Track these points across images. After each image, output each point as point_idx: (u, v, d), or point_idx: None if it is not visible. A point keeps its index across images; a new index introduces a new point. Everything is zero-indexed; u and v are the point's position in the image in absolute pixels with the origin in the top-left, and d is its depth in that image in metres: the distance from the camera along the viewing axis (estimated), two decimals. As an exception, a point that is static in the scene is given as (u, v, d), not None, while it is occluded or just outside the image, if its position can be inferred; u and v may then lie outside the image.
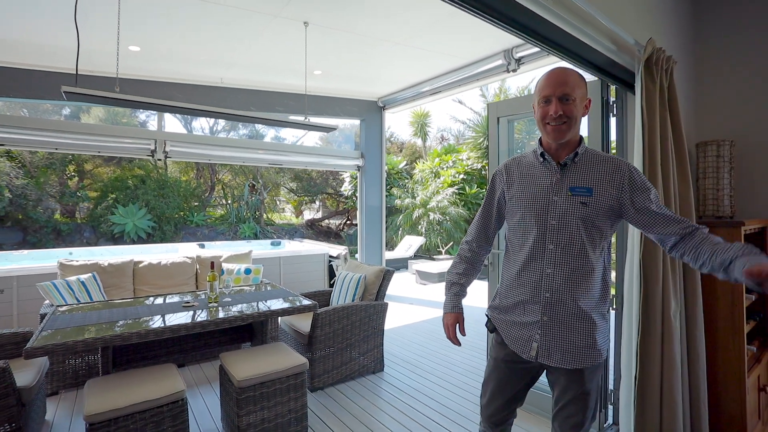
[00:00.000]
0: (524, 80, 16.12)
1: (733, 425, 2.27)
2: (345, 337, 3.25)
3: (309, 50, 3.96)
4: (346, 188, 15.31)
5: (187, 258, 4.44)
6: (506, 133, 3.04)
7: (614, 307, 2.42)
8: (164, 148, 4.79)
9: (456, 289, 1.63)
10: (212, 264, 3.06)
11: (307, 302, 2.93)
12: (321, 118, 5.92)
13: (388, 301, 3.64)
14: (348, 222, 17.47)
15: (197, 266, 4.48)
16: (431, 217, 12.09)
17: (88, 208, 12.88)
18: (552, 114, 1.32)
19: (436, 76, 5.28)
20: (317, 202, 19.36)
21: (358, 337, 3.35)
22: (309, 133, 17.41)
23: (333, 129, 3.94)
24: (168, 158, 4.87)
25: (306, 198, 18.99)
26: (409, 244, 11.25)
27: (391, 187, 13.43)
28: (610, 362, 2.57)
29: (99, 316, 2.51)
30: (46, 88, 3.95)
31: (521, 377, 1.51)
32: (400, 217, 12.71)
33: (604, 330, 1.41)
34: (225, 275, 4.38)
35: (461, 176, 12.79)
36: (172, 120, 15.70)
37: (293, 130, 17.12)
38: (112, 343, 2.18)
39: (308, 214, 19.54)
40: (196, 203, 15.27)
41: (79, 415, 2.69)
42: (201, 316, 2.53)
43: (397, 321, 5.17)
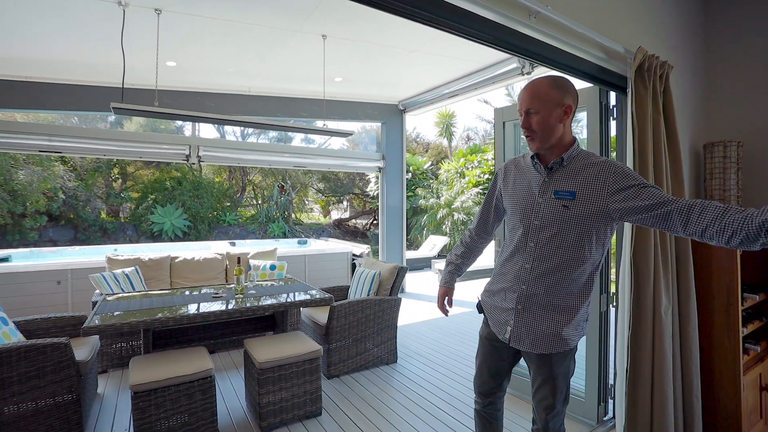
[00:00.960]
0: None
1: (729, 422, 2.33)
2: (360, 329, 3.47)
3: (328, 60, 4.22)
4: (372, 188, 15.58)
5: (218, 254, 4.80)
6: (512, 137, 3.18)
7: (614, 304, 2.52)
8: (198, 153, 5.18)
9: (451, 267, 1.84)
10: (238, 259, 3.37)
11: (324, 295, 3.18)
12: (343, 122, 6.19)
13: (409, 299, 3.84)
14: (374, 222, 17.73)
15: (227, 262, 4.84)
16: (455, 217, 12.17)
17: (130, 208, 13.76)
18: (523, 126, 1.46)
19: (453, 80, 5.43)
20: (344, 202, 19.72)
21: (373, 329, 3.56)
22: (334, 137, 17.85)
23: (349, 134, 4.18)
24: (201, 162, 5.27)
25: (333, 198, 19.38)
26: (433, 244, 11.37)
27: (415, 188, 13.59)
28: (610, 358, 2.67)
29: (141, 303, 2.85)
30: (95, 101, 4.41)
31: (501, 355, 1.66)
32: (425, 217, 12.84)
33: (577, 323, 1.48)
34: (252, 271, 4.71)
35: (486, 176, 12.79)
36: (206, 125, 16.47)
37: (311, 139, 17.63)
38: (152, 327, 2.49)
39: (335, 214, 19.92)
40: (228, 203, 15.94)
41: (125, 389, 3.05)
42: (228, 306, 2.82)
43: (415, 317, 5.35)
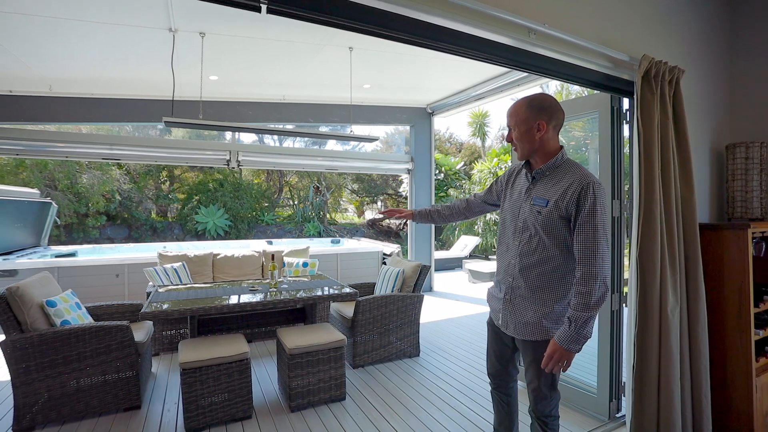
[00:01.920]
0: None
1: (742, 423, 2.35)
2: (383, 323, 3.69)
3: (358, 68, 4.47)
4: (405, 189, 15.77)
5: (255, 252, 5.18)
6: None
7: (627, 304, 2.59)
8: (237, 158, 5.60)
9: (429, 208, 2.12)
10: (272, 256, 3.68)
11: (349, 291, 3.43)
12: (372, 126, 6.43)
13: (436, 297, 4.01)
14: (407, 222, 17.87)
15: (263, 259, 5.21)
16: (487, 217, 12.14)
17: (177, 208, 14.73)
18: (508, 139, 1.68)
19: (480, 83, 5.54)
20: (378, 203, 20.01)
21: (396, 323, 3.77)
22: (373, 135, 18.26)
23: (375, 139, 4.42)
24: (240, 167, 5.68)
25: (367, 198, 19.72)
26: (464, 244, 11.42)
27: (448, 188, 13.65)
28: (623, 355, 2.74)
29: (187, 294, 3.21)
30: (148, 113, 4.90)
31: (503, 340, 1.83)
32: (456, 217, 12.87)
33: (557, 317, 1.61)
34: (286, 267, 5.05)
35: (518, 176, 12.65)
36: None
37: (361, 133, 18.02)
38: (197, 314, 2.83)
39: (369, 214, 20.25)
40: (267, 204, 16.65)
41: (175, 370, 3.43)
42: (262, 298, 3.12)
43: (441, 315, 5.50)
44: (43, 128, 5.13)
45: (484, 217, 12.24)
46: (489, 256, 11.19)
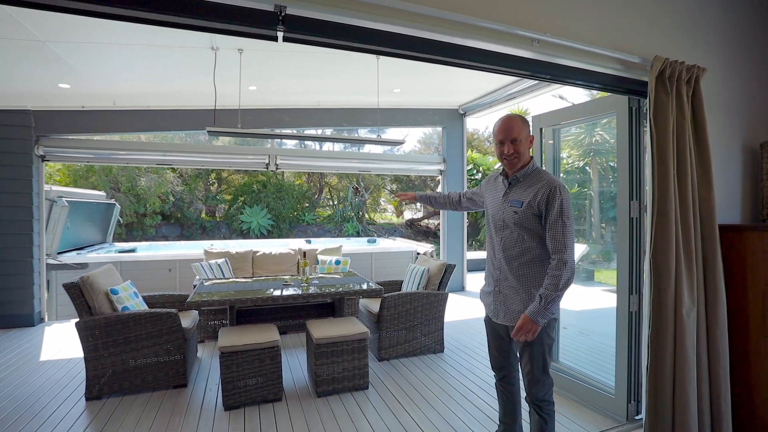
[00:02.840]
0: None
1: (765, 430, 2.29)
2: (408, 319, 3.85)
3: (386, 74, 4.66)
4: (442, 190, 15.76)
5: (292, 250, 5.51)
6: (551, 143, 3.33)
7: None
8: (275, 161, 5.97)
9: (430, 193, 2.51)
10: (304, 254, 3.95)
11: (375, 287, 3.62)
12: (403, 128, 6.60)
13: (467, 296, 4.12)
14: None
15: (299, 257, 5.52)
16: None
17: (224, 209, 15.64)
18: (506, 153, 1.86)
19: (511, 83, 5.54)
20: (417, 203, 20.01)
21: (420, 320, 3.92)
22: (409, 136, 18.50)
23: (401, 143, 4.58)
24: (278, 170, 6.05)
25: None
26: None
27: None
28: (643, 360, 2.72)
29: (228, 287, 3.54)
30: (195, 122, 5.38)
31: (499, 332, 2.05)
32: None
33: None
34: (319, 265, 5.34)
35: (561, 175, 12.32)
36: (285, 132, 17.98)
37: (398, 133, 18.29)
38: (236, 305, 3.14)
39: (409, 214, 20.38)
40: (307, 204, 17.24)
41: (217, 354, 3.78)
42: (294, 292, 3.39)
43: (470, 314, 5.57)
44: (109, 138, 5.74)
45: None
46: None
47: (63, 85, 4.25)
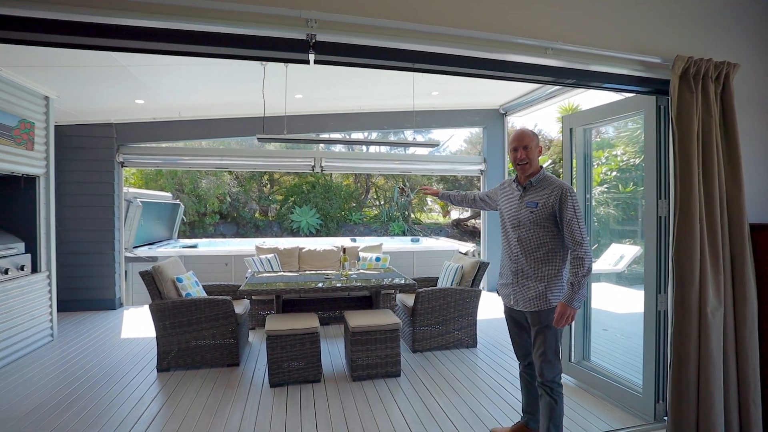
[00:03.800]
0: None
1: (803, 431, 2.22)
2: (441, 314, 4.02)
3: (423, 78, 4.84)
4: (483, 189, 15.58)
5: (334, 246, 5.86)
6: (582, 142, 3.36)
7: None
8: (320, 163, 6.35)
9: (450, 192, 2.77)
10: (344, 250, 4.24)
11: (409, 282, 3.83)
12: (443, 130, 6.73)
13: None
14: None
15: (341, 253, 5.85)
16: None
17: (276, 208, 16.51)
18: (519, 158, 2.15)
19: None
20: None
21: (454, 314, 4.07)
22: (455, 135, 18.52)
23: (436, 145, 4.74)
24: (323, 171, 6.43)
25: (451, 198, 19.75)
26: (620, 255, 10.47)
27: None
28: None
29: (276, 279, 3.91)
30: (247, 129, 5.90)
31: (518, 321, 2.31)
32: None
33: (555, 287, 2.09)
34: (360, 261, 5.63)
35: (614, 173, 11.77)
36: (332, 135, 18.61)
37: (440, 134, 18.32)
38: (282, 294, 3.49)
39: (455, 214, 20.29)
40: (354, 204, 17.72)
41: (265, 337, 4.17)
42: (333, 285, 3.68)
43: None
44: (174, 145, 6.42)
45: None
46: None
47: (138, 100, 4.87)
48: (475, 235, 18.16)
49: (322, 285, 3.64)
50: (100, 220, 5.54)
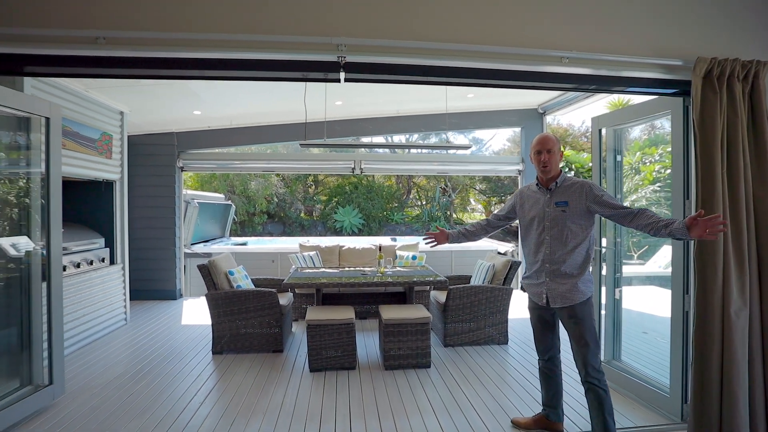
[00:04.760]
0: None
1: (839, 436, 2.17)
2: (473, 310, 4.16)
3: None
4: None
5: (372, 245, 6.14)
6: (612, 142, 3.38)
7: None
8: (360, 166, 6.65)
9: (460, 229, 2.69)
10: (380, 248, 4.49)
11: (441, 279, 4.01)
12: (480, 131, 6.80)
13: None
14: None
15: (377, 251, 6.12)
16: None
17: (320, 209, 17.15)
18: (543, 160, 2.25)
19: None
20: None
21: (485, 312, 4.19)
22: (498, 135, 18.29)
23: (468, 147, 4.87)
24: (363, 173, 6.74)
25: (495, 198, 19.54)
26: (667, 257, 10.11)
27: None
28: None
29: (317, 274, 4.24)
30: (290, 134, 6.32)
31: (541, 317, 2.43)
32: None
33: (584, 281, 2.22)
34: (397, 259, 5.86)
35: (667, 170, 11.16)
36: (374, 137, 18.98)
37: (482, 134, 18.15)
38: (321, 288, 3.80)
39: (498, 214, 19.92)
40: (396, 204, 17.98)
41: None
42: (369, 280, 3.94)
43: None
44: (226, 151, 7.00)
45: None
46: (624, 261, 10.11)
47: (196, 111, 5.42)
48: (518, 234, 17.80)
49: (358, 280, 3.91)
50: (164, 219, 6.18)
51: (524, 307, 5.75)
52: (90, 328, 4.20)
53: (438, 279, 4.00)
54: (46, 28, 1.90)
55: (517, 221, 2.55)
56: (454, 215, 18.16)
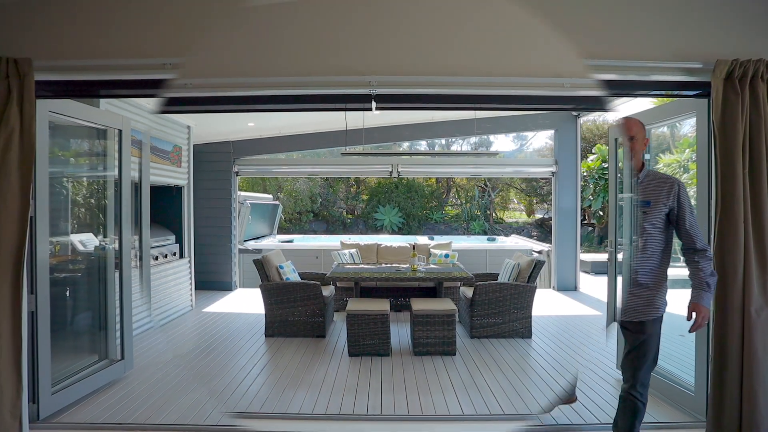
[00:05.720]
0: None
1: None
2: (498, 305, 4.46)
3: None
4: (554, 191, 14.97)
5: (408, 243, 6.56)
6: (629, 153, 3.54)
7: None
8: (397, 168, 7.08)
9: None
10: (413, 246, 4.90)
11: (468, 276, 4.36)
12: (514, 134, 6.99)
13: (577, 296, 4.48)
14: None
15: (413, 249, 6.53)
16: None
17: (361, 208, 17.78)
18: (630, 148, 2.03)
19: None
20: (548, 203, 19.32)
21: (510, 307, 4.48)
22: (538, 135, 18.06)
23: (496, 154, 5.15)
24: (399, 176, 7.17)
25: (536, 198, 19.29)
26: None
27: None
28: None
29: (356, 269, 4.72)
30: (331, 141, 6.89)
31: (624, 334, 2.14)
32: (628, 218, 11.71)
33: (662, 292, 2.01)
34: (431, 257, 6.24)
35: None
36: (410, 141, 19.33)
37: (524, 136, 17.99)
38: (360, 281, 4.28)
39: (540, 213, 19.73)
40: (435, 203, 18.25)
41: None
42: (402, 275, 4.37)
43: (567, 311, 5.77)
44: (275, 157, 7.70)
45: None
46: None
47: (250, 123, 6.10)
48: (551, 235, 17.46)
49: (393, 276, 4.35)
50: (222, 218, 6.95)
51: (548, 304, 6.01)
52: (166, 311, 4.95)
53: (465, 276, 4.34)
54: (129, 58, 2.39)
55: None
56: (494, 214, 18.13)
